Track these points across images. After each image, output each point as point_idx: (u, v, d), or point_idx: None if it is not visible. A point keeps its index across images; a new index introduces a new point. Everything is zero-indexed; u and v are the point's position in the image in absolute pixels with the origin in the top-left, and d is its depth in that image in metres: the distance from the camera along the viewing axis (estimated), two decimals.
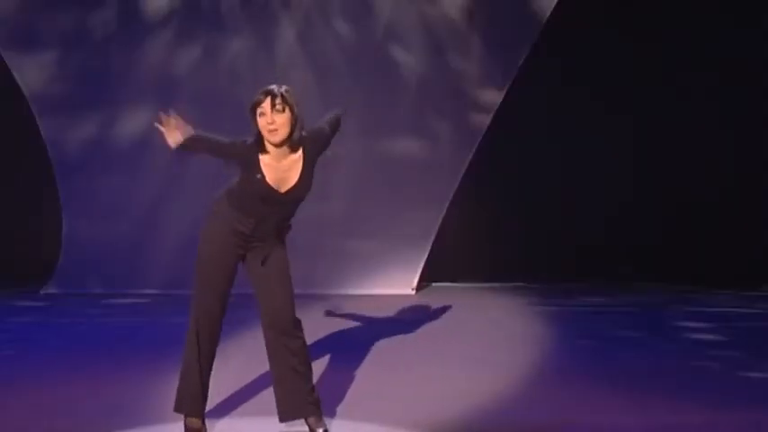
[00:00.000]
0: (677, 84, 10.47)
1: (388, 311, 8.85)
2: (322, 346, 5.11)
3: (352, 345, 7.22)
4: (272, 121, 4.88)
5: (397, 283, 9.96)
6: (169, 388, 6.08)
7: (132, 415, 5.50)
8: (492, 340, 7.64)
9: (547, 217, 10.67)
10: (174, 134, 5.03)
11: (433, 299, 9.58)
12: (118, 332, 8.17)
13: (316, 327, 5.01)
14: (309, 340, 5.24)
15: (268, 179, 4.93)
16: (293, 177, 4.96)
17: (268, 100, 4.91)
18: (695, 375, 6.57)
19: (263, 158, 4.95)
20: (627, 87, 10.54)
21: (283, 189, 4.95)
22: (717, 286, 10.07)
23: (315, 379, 5.21)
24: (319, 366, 6.13)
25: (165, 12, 9.83)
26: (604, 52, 10.44)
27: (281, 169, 4.95)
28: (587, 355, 7.26)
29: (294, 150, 4.96)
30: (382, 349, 7.12)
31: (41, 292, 9.78)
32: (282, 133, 4.89)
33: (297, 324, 5.07)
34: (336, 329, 7.56)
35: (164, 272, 9.87)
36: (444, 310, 8.95)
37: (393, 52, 10.03)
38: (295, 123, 4.92)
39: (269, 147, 4.94)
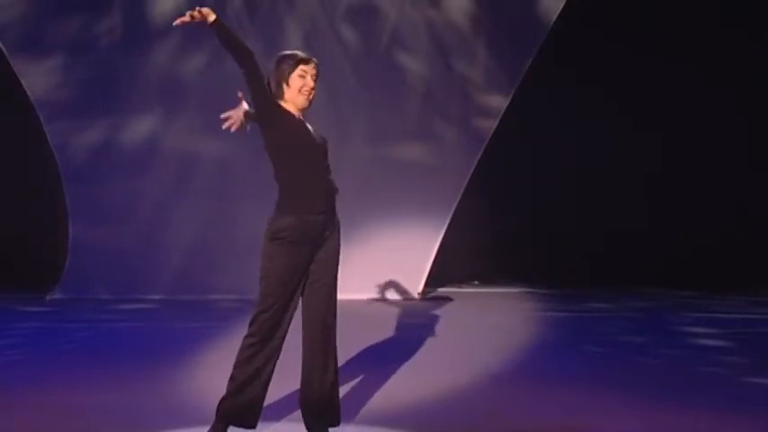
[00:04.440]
0: (684, 88, 10.47)
1: (394, 316, 8.85)
2: None
3: (356, 348, 7.22)
4: (313, 87, 4.93)
5: (402, 288, 9.96)
6: (174, 392, 6.09)
7: (138, 419, 5.50)
8: (497, 345, 7.64)
9: (553, 222, 10.68)
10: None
11: (439, 304, 9.59)
12: (124, 337, 8.18)
13: None
14: None
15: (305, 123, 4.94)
16: (312, 127, 4.97)
17: (313, 66, 4.95)
18: (701, 381, 6.56)
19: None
20: (633, 92, 10.56)
21: (315, 134, 4.95)
22: (723, 292, 10.06)
23: None
24: None
25: (170, 18, 9.82)
26: (610, 57, 10.45)
27: (302, 121, 4.96)
28: (593, 360, 7.25)
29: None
30: (387, 353, 7.13)
31: (48, 297, 9.79)
32: (310, 101, 4.94)
33: (328, 331, 5.01)
34: (341, 333, 7.54)
35: (170, 277, 9.90)
36: (449, 314, 8.95)
37: (399, 57, 10.05)
38: None
39: (292, 111, 4.91)
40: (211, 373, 5.11)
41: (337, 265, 5.07)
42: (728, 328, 8.44)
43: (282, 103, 4.93)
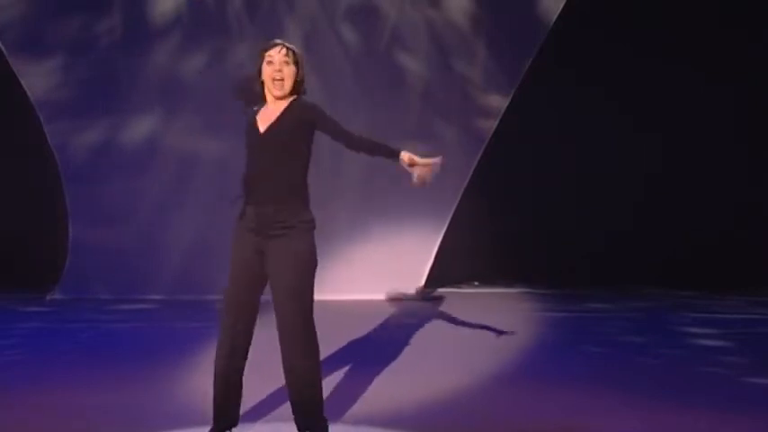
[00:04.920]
0: (684, 88, 10.47)
1: (394, 316, 8.85)
2: (325, 350, 5.06)
3: (357, 349, 7.23)
4: (280, 70, 4.89)
5: (402, 289, 9.95)
6: (174, 392, 6.10)
7: (138, 419, 5.51)
8: (496, 345, 7.63)
9: (553, 222, 10.68)
10: None
11: (438, 304, 9.59)
12: (124, 337, 8.18)
13: (319, 331, 4.97)
14: None
15: (257, 116, 4.95)
16: (272, 118, 4.94)
17: (278, 49, 4.92)
18: (701, 381, 6.56)
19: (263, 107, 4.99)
20: (633, 92, 10.55)
21: (262, 129, 4.92)
22: (723, 292, 10.06)
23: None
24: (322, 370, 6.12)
25: (170, 18, 9.86)
26: (610, 57, 10.45)
27: (267, 112, 4.96)
28: (593, 360, 7.25)
29: (286, 101, 4.96)
30: (386, 353, 7.13)
31: (48, 297, 9.79)
32: (287, 86, 4.91)
33: (301, 337, 4.83)
34: (341, 334, 7.56)
35: (170, 277, 9.90)
36: (449, 314, 8.95)
37: (399, 57, 10.05)
38: (297, 81, 4.94)
39: (267, 99, 4.96)
40: (211, 374, 5.10)
41: (297, 263, 4.83)
42: (728, 328, 8.44)
43: (265, 101, 4.97)
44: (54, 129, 9.82)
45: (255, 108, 4.99)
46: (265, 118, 4.95)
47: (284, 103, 4.96)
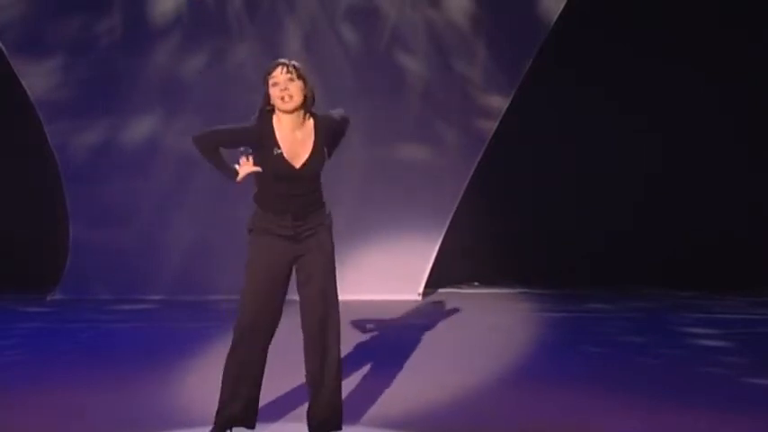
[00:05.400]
0: (684, 88, 10.47)
1: (394, 317, 8.86)
2: None
3: (357, 349, 7.23)
4: (285, 88, 4.92)
5: (402, 289, 9.95)
6: (174, 392, 6.10)
7: (138, 419, 5.50)
8: (497, 346, 7.64)
9: (553, 222, 10.67)
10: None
11: (439, 304, 9.60)
12: (124, 337, 8.18)
13: None
14: None
15: (284, 153, 4.95)
16: (306, 151, 4.97)
17: (280, 69, 4.97)
18: (701, 381, 6.56)
19: (277, 131, 4.99)
20: (633, 92, 10.55)
21: (298, 164, 4.96)
22: (723, 292, 10.06)
23: None
24: None
25: (170, 18, 9.85)
26: (610, 57, 10.45)
27: (295, 142, 4.97)
28: (592, 360, 7.25)
29: (306, 122, 5.00)
30: (387, 354, 7.13)
31: (48, 298, 9.79)
32: (295, 101, 4.94)
33: (327, 332, 4.99)
34: (342, 334, 7.54)
35: (170, 277, 9.90)
36: (449, 315, 8.96)
37: (399, 58, 10.05)
38: (306, 94, 4.98)
39: (282, 117, 4.98)
40: (211, 374, 5.12)
41: (327, 262, 5.01)
42: (728, 328, 8.44)
43: (275, 118, 4.98)
44: (54, 129, 9.81)
45: (278, 150, 4.96)
46: (292, 145, 4.97)
47: (307, 127, 5.00)
